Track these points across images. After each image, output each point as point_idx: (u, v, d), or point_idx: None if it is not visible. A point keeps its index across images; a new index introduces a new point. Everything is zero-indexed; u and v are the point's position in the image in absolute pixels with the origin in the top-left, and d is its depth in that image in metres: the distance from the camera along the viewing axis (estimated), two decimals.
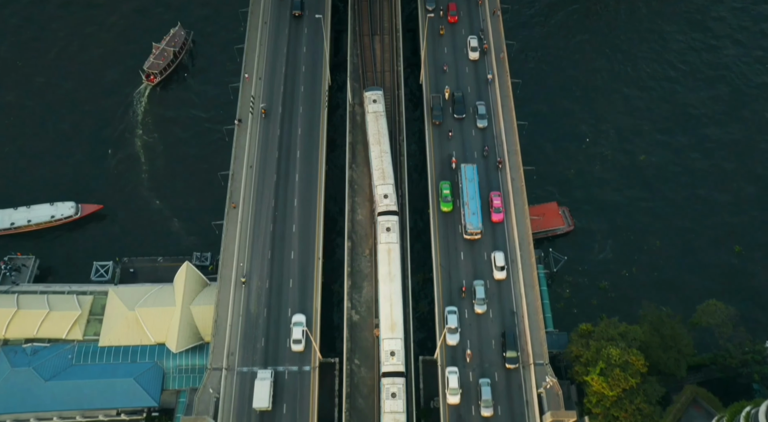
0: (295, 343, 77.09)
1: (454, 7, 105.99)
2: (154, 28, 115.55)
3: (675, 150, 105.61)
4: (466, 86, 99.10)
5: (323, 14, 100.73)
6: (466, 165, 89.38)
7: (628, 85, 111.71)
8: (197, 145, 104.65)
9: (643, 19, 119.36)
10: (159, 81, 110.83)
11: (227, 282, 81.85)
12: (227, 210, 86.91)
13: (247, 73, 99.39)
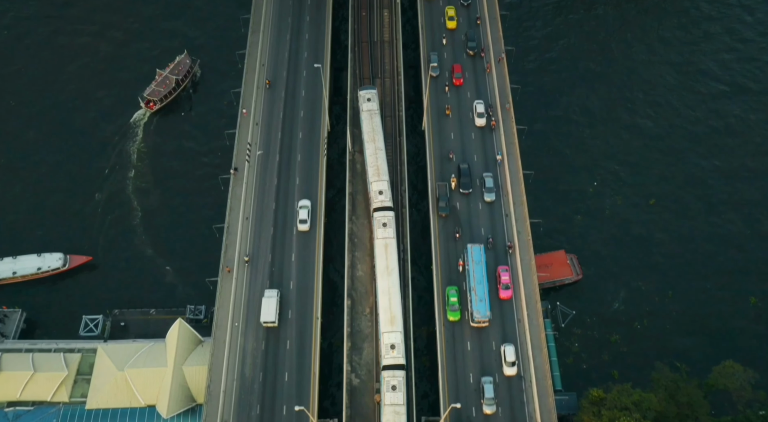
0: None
1: (459, 68, 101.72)
2: (161, 54, 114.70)
3: (686, 196, 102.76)
4: (473, 155, 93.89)
5: (322, 64, 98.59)
6: (473, 245, 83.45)
7: (635, 132, 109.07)
8: (193, 188, 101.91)
9: (653, 61, 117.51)
10: (158, 108, 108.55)
11: (221, 345, 78.61)
12: (221, 272, 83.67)
13: (245, 109, 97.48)
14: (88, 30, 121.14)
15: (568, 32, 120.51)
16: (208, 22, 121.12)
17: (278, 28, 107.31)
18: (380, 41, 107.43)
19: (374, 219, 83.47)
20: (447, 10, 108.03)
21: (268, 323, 79.60)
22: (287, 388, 75.74)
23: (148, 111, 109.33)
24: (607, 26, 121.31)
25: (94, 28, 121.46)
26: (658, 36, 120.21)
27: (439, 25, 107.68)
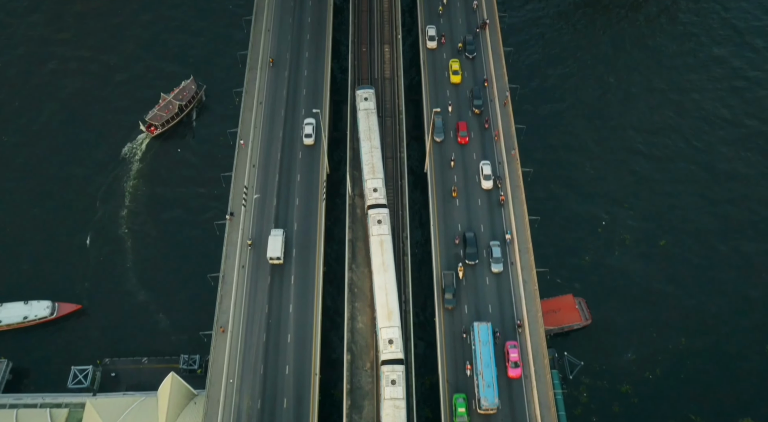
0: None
1: (465, 126, 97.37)
2: (167, 78, 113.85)
3: (699, 236, 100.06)
4: (479, 223, 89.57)
5: (321, 110, 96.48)
6: (480, 324, 78.83)
7: (644, 166, 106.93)
8: (189, 227, 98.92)
9: (661, 97, 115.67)
10: (160, 133, 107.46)
11: (215, 404, 75.67)
12: (215, 331, 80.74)
13: (243, 140, 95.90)
14: (90, 51, 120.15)
15: (574, 70, 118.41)
16: (218, 51, 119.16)
17: (276, 64, 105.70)
18: (381, 78, 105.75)
19: (369, 217, 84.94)
20: (451, 63, 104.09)
21: (273, 259, 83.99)
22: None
23: (149, 135, 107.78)
24: (612, 63, 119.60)
25: (94, 50, 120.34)
26: (668, 75, 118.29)
27: (443, 79, 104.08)
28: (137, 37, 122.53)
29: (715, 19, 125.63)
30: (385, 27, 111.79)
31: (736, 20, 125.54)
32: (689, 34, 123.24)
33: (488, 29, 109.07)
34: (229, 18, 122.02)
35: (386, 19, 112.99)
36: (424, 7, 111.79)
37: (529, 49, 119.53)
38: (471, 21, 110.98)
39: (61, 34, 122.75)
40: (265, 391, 76.52)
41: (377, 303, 78.67)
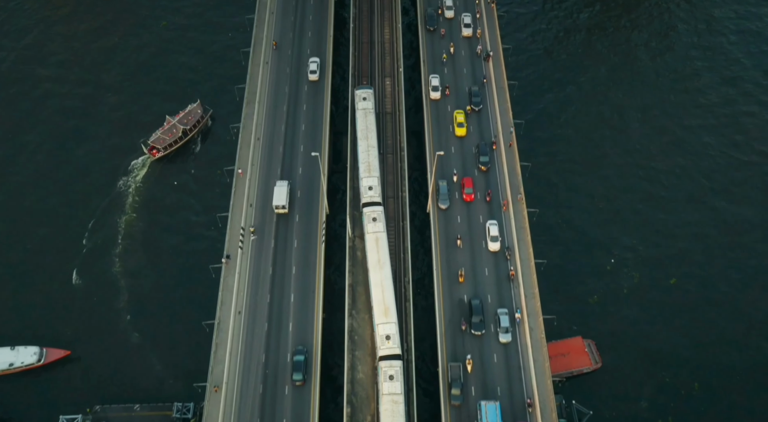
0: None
1: (470, 183, 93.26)
2: (175, 100, 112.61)
3: (711, 274, 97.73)
4: (485, 289, 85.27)
5: (320, 151, 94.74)
6: (487, 403, 74.70)
7: (652, 203, 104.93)
8: (187, 263, 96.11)
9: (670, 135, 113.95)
10: (162, 156, 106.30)
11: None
12: (209, 390, 77.75)
13: (241, 169, 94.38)
14: (93, 70, 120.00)
15: (581, 106, 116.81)
16: (227, 76, 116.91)
17: (274, 102, 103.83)
18: (382, 112, 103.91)
19: (364, 215, 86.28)
20: (456, 115, 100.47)
21: (279, 207, 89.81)
22: None
23: (150, 158, 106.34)
24: (618, 100, 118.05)
25: (97, 68, 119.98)
26: (675, 111, 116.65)
27: (447, 131, 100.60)
28: (145, 58, 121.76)
29: (720, 52, 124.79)
30: (386, 59, 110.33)
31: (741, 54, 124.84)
32: (701, 69, 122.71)
33: (492, 62, 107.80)
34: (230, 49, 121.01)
35: (387, 51, 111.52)
36: (427, 55, 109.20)
37: (533, 82, 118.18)
38: (476, 68, 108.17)
39: (61, 54, 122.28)
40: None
41: (374, 300, 79.30)
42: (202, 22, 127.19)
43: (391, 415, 71.12)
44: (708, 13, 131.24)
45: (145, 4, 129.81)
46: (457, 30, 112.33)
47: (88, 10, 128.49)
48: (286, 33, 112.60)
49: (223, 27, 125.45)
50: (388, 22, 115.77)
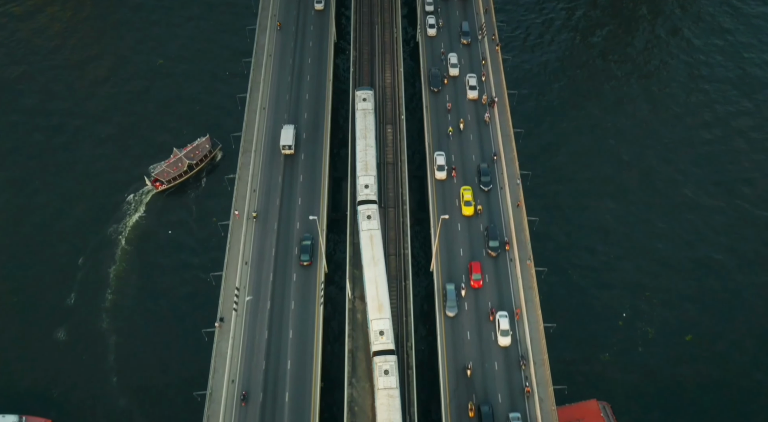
0: None
1: (478, 268, 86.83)
2: (187, 132, 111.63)
3: (729, 332, 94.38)
4: (496, 391, 79.20)
5: (318, 218, 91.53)
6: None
7: (666, 251, 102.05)
8: (181, 324, 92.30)
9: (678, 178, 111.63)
10: (164, 189, 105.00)
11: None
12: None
13: (237, 210, 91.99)
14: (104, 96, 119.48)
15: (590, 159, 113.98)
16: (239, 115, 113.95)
17: (271, 150, 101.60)
18: (383, 162, 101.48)
19: (359, 212, 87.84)
20: (463, 192, 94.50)
21: (285, 148, 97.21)
22: None
23: (153, 189, 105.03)
24: (628, 142, 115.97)
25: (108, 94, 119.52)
26: (688, 153, 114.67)
27: (453, 210, 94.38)
28: (162, 87, 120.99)
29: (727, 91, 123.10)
30: (387, 105, 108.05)
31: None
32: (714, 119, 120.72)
33: (497, 108, 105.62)
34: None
35: (388, 96, 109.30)
36: (431, 127, 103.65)
37: (540, 132, 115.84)
38: (485, 143, 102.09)
39: (76, 78, 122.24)
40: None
41: (368, 296, 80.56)
42: (202, 58, 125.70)
43: (387, 409, 72.04)
44: (713, 52, 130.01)
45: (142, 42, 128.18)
46: (462, 92, 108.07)
47: (87, 44, 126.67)
48: (284, 77, 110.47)
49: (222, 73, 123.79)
50: (390, 65, 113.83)
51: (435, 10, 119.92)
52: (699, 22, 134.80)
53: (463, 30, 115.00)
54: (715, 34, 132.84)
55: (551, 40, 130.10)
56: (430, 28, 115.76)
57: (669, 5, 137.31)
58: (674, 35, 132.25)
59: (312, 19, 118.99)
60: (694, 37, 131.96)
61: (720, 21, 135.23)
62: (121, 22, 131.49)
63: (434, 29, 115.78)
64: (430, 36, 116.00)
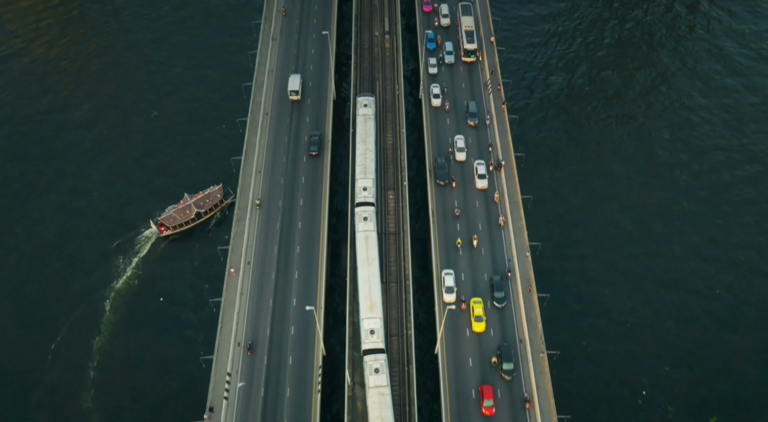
0: None
1: (490, 393, 79.40)
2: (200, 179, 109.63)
3: (757, 416, 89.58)
4: None
5: (315, 306, 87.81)
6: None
7: (688, 320, 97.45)
8: (167, 402, 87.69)
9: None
10: (169, 234, 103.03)
11: None
12: None
13: (233, 268, 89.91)
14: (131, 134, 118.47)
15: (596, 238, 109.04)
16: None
17: (266, 208, 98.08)
18: (385, 232, 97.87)
19: (356, 214, 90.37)
20: (473, 306, 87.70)
21: (292, 93, 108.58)
22: None
23: (158, 234, 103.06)
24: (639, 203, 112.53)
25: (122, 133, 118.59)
26: (703, 198, 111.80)
27: (462, 330, 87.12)
28: (183, 132, 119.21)
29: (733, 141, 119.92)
30: (389, 168, 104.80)
31: None
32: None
33: (504, 171, 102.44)
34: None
35: (390, 159, 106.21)
36: (438, 238, 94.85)
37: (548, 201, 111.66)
38: (497, 253, 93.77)
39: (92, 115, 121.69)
40: None
41: (360, 295, 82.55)
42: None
43: (378, 407, 73.43)
44: (724, 102, 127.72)
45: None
46: (471, 180, 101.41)
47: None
48: (280, 136, 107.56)
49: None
50: (391, 124, 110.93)
51: (438, 71, 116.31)
52: (709, 82, 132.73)
53: (470, 111, 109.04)
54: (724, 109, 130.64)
55: (557, 96, 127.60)
56: (435, 98, 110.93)
57: (682, 73, 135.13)
58: (687, 99, 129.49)
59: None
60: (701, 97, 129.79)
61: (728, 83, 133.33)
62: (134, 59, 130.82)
63: (439, 99, 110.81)
64: (435, 106, 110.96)
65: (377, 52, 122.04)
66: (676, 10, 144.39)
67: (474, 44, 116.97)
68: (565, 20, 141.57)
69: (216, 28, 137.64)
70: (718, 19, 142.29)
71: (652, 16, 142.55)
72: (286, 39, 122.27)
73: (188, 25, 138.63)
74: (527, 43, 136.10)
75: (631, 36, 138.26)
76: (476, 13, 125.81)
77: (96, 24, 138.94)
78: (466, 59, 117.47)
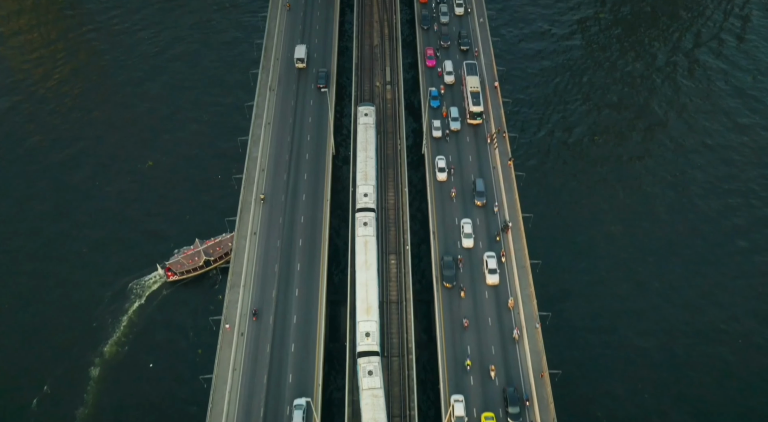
0: None
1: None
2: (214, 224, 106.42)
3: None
4: None
5: (312, 396, 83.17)
6: None
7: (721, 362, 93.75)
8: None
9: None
10: (175, 280, 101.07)
11: None
12: None
13: (228, 324, 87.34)
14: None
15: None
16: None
17: (262, 279, 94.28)
18: (386, 301, 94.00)
19: (357, 219, 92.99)
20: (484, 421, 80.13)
21: (299, 61, 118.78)
22: None
23: (165, 278, 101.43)
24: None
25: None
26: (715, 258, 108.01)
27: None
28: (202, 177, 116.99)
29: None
30: (390, 230, 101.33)
31: None
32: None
33: (511, 235, 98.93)
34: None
35: (392, 221, 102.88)
36: (447, 361, 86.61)
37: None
38: (513, 378, 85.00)
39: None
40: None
41: (358, 298, 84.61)
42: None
43: (372, 409, 74.64)
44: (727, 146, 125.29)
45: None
46: (480, 276, 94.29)
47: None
48: (277, 191, 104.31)
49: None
50: (393, 182, 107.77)
51: (442, 134, 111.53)
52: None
53: (477, 190, 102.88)
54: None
55: (565, 151, 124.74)
56: (440, 172, 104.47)
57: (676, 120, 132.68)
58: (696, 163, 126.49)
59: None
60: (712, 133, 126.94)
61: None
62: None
63: (444, 173, 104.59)
64: (440, 181, 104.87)
65: (379, 104, 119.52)
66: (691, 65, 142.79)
67: (480, 107, 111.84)
68: (572, 74, 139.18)
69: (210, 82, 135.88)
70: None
71: (657, 72, 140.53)
72: (284, 90, 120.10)
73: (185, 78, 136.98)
74: (533, 97, 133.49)
75: (636, 94, 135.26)
76: (482, 72, 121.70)
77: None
78: (472, 122, 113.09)
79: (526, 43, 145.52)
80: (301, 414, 77.98)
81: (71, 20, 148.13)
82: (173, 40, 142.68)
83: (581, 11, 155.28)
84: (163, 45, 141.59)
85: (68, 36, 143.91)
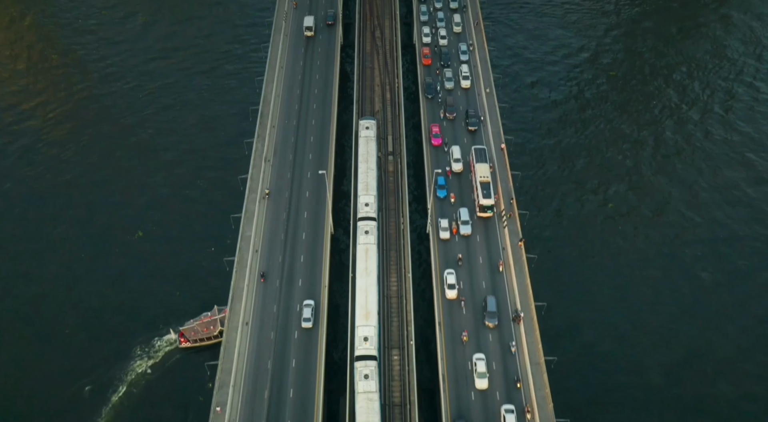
0: None
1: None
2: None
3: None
4: None
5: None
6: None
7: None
8: None
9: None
10: (187, 347, 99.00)
11: None
12: None
13: (219, 407, 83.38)
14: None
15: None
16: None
17: (257, 355, 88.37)
18: (390, 404, 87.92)
19: (358, 228, 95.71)
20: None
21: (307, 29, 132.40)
22: None
23: (177, 343, 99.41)
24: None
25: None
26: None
27: None
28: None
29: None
30: (393, 321, 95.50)
31: None
32: None
33: (522, 324, 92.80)
34: None
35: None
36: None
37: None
38: None
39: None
40: None
41: (357, 304, 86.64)
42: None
43: (366, 412, 76.07)
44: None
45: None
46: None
47: None
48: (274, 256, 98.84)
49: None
50: (395, 265, 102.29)
51: (450, 236, 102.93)
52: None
53: (489, 310, 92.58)
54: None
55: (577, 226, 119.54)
56: (450, 289, 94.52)
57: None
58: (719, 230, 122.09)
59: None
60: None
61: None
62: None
63: (454, 291, 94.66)
64: (450, 299, 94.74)
65: (380, 176, 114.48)
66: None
67: (491, 199, 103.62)
68: (586, 148, 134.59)
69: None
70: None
71: (671, 140, 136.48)
72: (280, 159, 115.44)
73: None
74: (545, 169, 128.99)
75: (655, 180, 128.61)
76: (491, 157, 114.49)
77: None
78: (481, 215, 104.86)
79: (533, 107, 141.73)
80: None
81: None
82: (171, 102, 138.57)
83: (589, 71, 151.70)
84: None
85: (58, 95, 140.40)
